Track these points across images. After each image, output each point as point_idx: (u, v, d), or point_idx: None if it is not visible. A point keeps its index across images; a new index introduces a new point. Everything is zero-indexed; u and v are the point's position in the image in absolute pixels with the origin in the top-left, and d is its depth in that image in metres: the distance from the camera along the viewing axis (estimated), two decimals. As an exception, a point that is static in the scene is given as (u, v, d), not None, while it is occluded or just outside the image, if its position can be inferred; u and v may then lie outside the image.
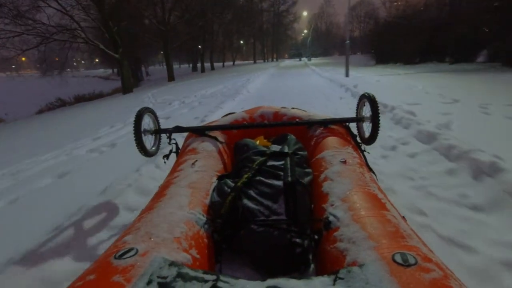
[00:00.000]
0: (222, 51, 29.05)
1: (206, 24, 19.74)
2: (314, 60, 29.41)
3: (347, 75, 8.23)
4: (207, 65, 27.20)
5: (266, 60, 38.25)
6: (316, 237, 0.93)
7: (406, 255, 0.66)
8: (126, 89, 11.72)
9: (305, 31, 43.23)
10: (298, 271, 0.96)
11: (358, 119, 1.64)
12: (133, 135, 1.49)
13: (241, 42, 38.69)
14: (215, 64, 29.85)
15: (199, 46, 22.12)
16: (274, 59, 41.07)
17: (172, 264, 0.69)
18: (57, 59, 12.49)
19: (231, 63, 35.88)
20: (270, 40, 39.30)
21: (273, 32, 37.88)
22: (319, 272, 0.91)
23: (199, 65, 25.13)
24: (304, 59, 32.11)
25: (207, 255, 0.88)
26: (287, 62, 31.28)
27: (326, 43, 51.22)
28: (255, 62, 33.71)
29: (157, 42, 16.93)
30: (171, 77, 15.79)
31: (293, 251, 0.94)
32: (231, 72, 14.75)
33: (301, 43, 57.35)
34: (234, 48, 33.53)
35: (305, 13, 36.54)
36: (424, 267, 0.63)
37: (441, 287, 0.58)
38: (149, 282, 0.62)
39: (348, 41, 8.26)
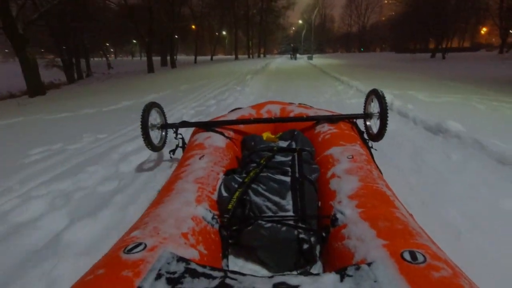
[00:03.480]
0: (195, 41, 26.35)
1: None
2: (317, 59, 22.25)
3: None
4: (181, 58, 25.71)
5: (251, 56, 30.64)
6: (323, 234, 0.98)
7: (415, 253, 0.68)
8: (32, 90, 8.47)
9: (300, 21, 36.45)
10: (305, 267, 1.01)
11: (366, 116, 1.71)
12: (140, 130, 1.58)
13: (223, 32, 32.57)
14: (181, 59, 27.83)
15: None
16: (261, 55, 33.36)
17: (180, 259, 0.73)
18: None
19: (208, 57, 32.11)
20: (257, 30, 31.49)
21: (261, 20, 30.07)
22: (326, 269, 0.97)
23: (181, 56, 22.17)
24: (301, 57, 24.60)
25: (214, 250, 0.93)
26: (279, 60, 24.07)
27: (321, 38, 44.78)
28: (236, 58, 26.50)
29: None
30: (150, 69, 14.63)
31: (300, 248, 0.99)
32: (181, 79, 10.19)
33: (293, 37, 50.25)
34: (213, 39, 30.72)
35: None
36: (433, 265, 0.65)
37: (450, 286, 0.60)
38: (158, 277, 0.66)
39: None
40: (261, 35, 34.59)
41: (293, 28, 51.79)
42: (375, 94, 1.56)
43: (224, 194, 1.13)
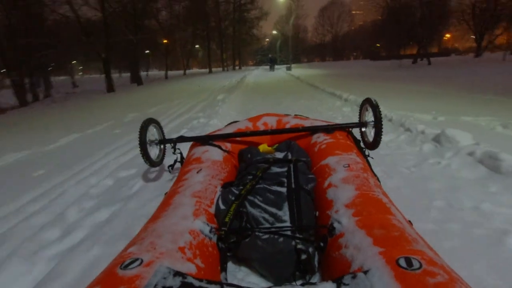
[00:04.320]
0: (165, 55, 25.40)
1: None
2: (296, 70, 20.77)
3: None
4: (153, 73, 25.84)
5: (225, 69, 28.86)
6: (321, 243, 0.99)
7: (411, 259, 0.69)
8: None
9: (274, 31, 35.40)
10: (304, 278, 1.02)
11: (361, 124, 1.75)
12: (138, 146, 1.60)
13: (196, 46, 31.28)
14: (153, 74, 28.42)
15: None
16: (237, 67, 31.62)
17: (176, 274, 0.73)
18: None
19: (181, 71, 31.09)
20: (230, 42, 29.87)
21: (234, 31, 28.46)
22: (324, 279, 0.98)
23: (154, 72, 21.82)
24: (278, 68, 23.03)
25: (212, 263, 0.94)
26: (256, 72, 22.27)
27: (296, 48, 44.10)
28: (210, 72, 24.70)
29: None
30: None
31: (299, 258, 1.00)
32: (135, 102, 8.70)
33: (268, 48, 49.53)
34: (186, 52, 29.83)
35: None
36: (429, 271, 0.65)
37: None
38: None
39: None
40: (235, 47, 32.85)
41: (267, 40, 51.04)
42: (369, 103, 1.61)
43: (222, 207, 1.14)
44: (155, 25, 23.03)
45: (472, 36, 21.99)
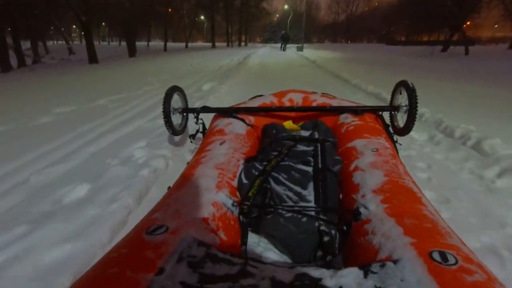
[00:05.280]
0: (164, 25, 23.64)
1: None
2: (308, 51, 18.05)
3: None
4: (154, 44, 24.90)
5: (230, 44, 26.02)
6: (344, 227, 0.98)
7: (446, 254, 0.65)
8: None
9: (286, 6, 32.19)
10: (324, 260, 1.00)
11: (393, 108, 1.69)
12: (162, 113, 1.59)
13: (201, 17, 29.15)
14: (153, 45, 26.77)
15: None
16: (242, 43, 28.68)
17: (200, 244, 0.74)
18: None
19: (184, 44, 28.56)
20: (238, 15, 26.91)
21: (242, 3, 25.46)
22: (346, 263, 0.95)
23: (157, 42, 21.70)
24: (288, 47, 20.23)
25: (234, 237, 0.94)
26: (262, 51, 19.43)
27: (307, 27, 40.65)
28: (213, 46, 22.16)
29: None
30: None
31: (321, 240, 0.98)
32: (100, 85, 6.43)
33: (277, 25, 46.13)
34: (188, 23, 27.97)
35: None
36: (465, 268, 0.62)
37: None
38: (179, 260, 0.67)
39: None
40: (242, 21, 29.71)
41: (277, 15, 47.36)
42: (404, 85, 1.54)
43: (245, 181, 1.13)
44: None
45: (495, 26, 18.87)
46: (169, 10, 26.46)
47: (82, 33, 16.40)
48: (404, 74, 7.37)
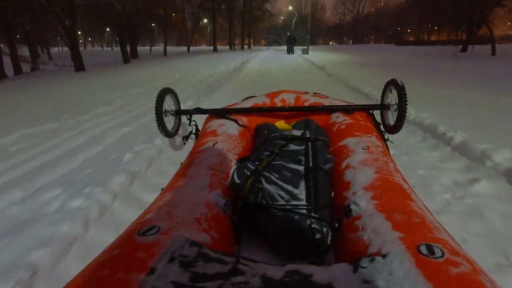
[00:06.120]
0: (164, 29, 22.43)
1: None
2: (314, 53, 16.56)
3: None
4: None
5: (233, 48, 24.65)
6: (336, 224, 0.99)
7: (433, 247, 0.66)
8: None
9: (290, 7, 30.84)
10: (317, 257, 1.00)
11: (384, 106, 1.68)
12: (155, 115, 1.61)
13: (205, 20, 28.75)
14: (156, 50, 26.41)
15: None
16: (245, 46, 27.30)
17: (192, 243, 0.73)
18: None
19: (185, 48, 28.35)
20: (241, 17, 25.62)
21: (245, 5, 24.10)
22: (338, 260, 0.98)
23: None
24: (296, 50, 18.81)
25: (226, 236, 0.95)
26: (264, 55, 17.94)
27: (313, 29, 39.20)
28: (215, 50, 20.96)
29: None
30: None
31: (313, 237, 0.99)
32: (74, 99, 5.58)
33: (282, 27, 45.04)
34: (191, 27, 26.90)
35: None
36: (452, 260, 0.63)
37: (470, 282, 0.58)
38: (171, 260, 0.66)
39: None
40: (244, 23, 28.33)
41: (282, 18, 45.98)
42: (394, 84, 1.55)
43: (237, 181, 1.14)
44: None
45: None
46: (173, 14, 25.53)
47: (80, 39, 15.33)
48: (438, 83, 5.80)
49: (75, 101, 5.37)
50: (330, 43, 51.85)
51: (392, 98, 1.59)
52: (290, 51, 19.35)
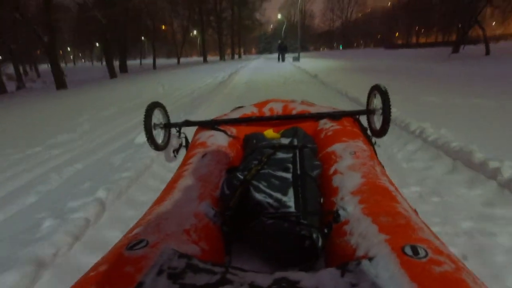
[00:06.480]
0: (152, 42, 22.40)
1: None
2: (305, 60, 16.26)
3: None
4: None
5: (223, 58, 24.29)
6: (325, 230, 1.00)
7: (417, 247, 0.67)
8: None
9: (279, 16, 30.78)
10: (307, 263, 1.01)
11: (369, 112, 1.71)
12: (144, 130, 1.62)
13: (195, 32, 28.42)
14: (146, 63, 23.78)
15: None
16: (236, 55, 27.01)
17: (181, 255, 0.73)
18: None
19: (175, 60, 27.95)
20: (230, 26, 25.31)
21: (233, 14, 23.85)
22: (328, 265, 0.98)
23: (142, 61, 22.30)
24: (287, 57, 18.50)
25: (217, 247, 0.96)
26: (255, 64, 17.51)
27: (303, 35, 39.35)
28: (205, 61, 20.63)
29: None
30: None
31: (303, 244, 1.00)
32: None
33: (272, 35, 45.47)
34: (179, 39, 26.44)
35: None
36: (435, 259, 0.64)
37: (452, 280, 0.59)
38: (159, 273, 0.66)
39: None
40: (234, 33, 28.01)
41: (271, 26, 46.12)
42: (377, 89, 1.57)
43: (226, 191, 1.15)
44: (136, 4, 18.68)
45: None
46: (163, 27, 25.25)
47: (71, 55, 14.74)
48: (443, 90, 5.30)
49: (34, 129, 4.85)
50: (321, 49, 52.13)
51: (377, 102, 1.60)
52: (281, 59, 19.31)
